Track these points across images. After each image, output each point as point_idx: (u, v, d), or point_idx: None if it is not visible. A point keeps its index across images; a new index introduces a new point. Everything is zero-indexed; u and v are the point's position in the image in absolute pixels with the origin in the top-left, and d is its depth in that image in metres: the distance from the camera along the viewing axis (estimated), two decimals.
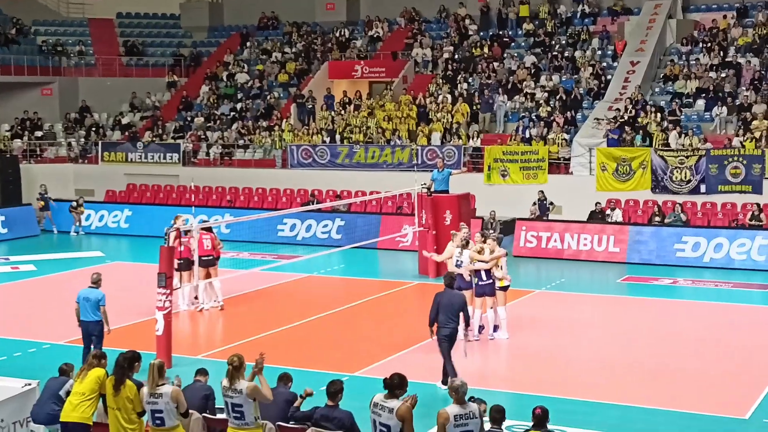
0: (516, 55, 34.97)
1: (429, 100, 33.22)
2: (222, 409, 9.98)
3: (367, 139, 32.24)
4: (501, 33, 36.32)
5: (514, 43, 35.96)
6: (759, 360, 15.76)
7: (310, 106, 34.75)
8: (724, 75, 30.85)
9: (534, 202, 27.36)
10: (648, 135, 28.67)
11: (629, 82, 31.26)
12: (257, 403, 9.56)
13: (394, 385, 9.14)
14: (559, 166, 29.60)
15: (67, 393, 10.51)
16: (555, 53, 34.22)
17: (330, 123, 33.41)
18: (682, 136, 28.32)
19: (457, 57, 35.53)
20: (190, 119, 36.41)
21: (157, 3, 43.94)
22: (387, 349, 16.18)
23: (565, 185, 28.60)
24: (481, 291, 16.53)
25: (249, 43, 40.19)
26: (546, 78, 33.25)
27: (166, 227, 17.08)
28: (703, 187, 27.16)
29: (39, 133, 36.82)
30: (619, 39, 33.87)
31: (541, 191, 27.60)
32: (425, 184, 23.41)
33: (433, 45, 36.62)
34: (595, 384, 14.60)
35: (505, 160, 29.49)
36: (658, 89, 31.98)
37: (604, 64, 33.26)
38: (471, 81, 34.00)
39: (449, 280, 14.30)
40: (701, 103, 30.46)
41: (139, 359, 10.03)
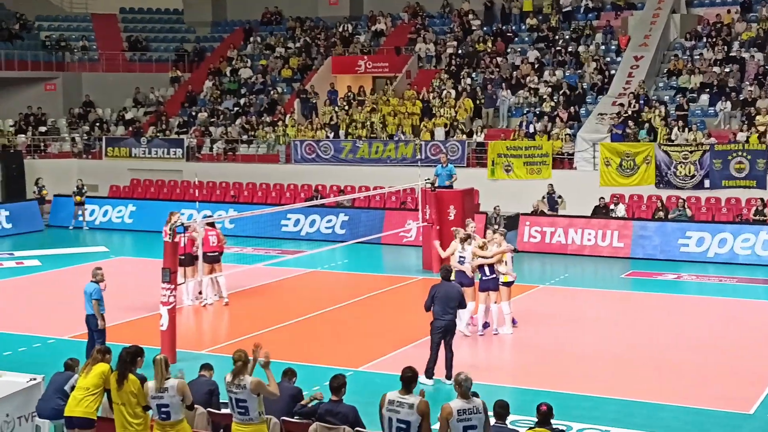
0: (519, 50, 34.90)
1: (432, 95, 33.19)
2: (227, 404, 9.98)
3: (371, 135, 32.23)
4: (504, 28, 36.24)
5: (517, 38, 35.89)
6: (763, 355, 15.76)
7: (313, 102, 34.74)
8: (728, 70, 30.77)
9: (543, 196, 27.34)
10: (652, 130, 28.64)
11: (633, 77, 31.17)
12: (261, 398, 9.53)
13: (410, 379, 9.07)
14: (563, 162, 29.57)
15: (72, 388, 10.51)
16: (558, 48, 34.15)
17: (335, 118, 33.38)
18: (685, 131, 28.28)
19: (460, 52, 35.47)
20: (193, 114, 36.38)
21: None
22: (391, 345, 16.19)
23: (568, 180, 28.54)
24: (484, 286, 16.54)
25: (252, 39, 40.15)
26: (549, 73, 33.19)
27: (165, 227, 16.87)
28: (707, 182, 27.12)
29: (43, 128, 36.82)
30: (622, 34, 33.80)
31: (550, 185, 27.60)
32: (429, 179, 23.42)
33: (436, 40, 36.56)
34: (599, 379, 14.61)
35: (509, 155, 29.47)
36: (662, 84, 31.91)
37: (608, 59, 33.19)
38: (474, 76, 33.95)
39: (445, 273, 14.36)
40: (705, 98, 30.40)
41: (142, 354, 10.01)
